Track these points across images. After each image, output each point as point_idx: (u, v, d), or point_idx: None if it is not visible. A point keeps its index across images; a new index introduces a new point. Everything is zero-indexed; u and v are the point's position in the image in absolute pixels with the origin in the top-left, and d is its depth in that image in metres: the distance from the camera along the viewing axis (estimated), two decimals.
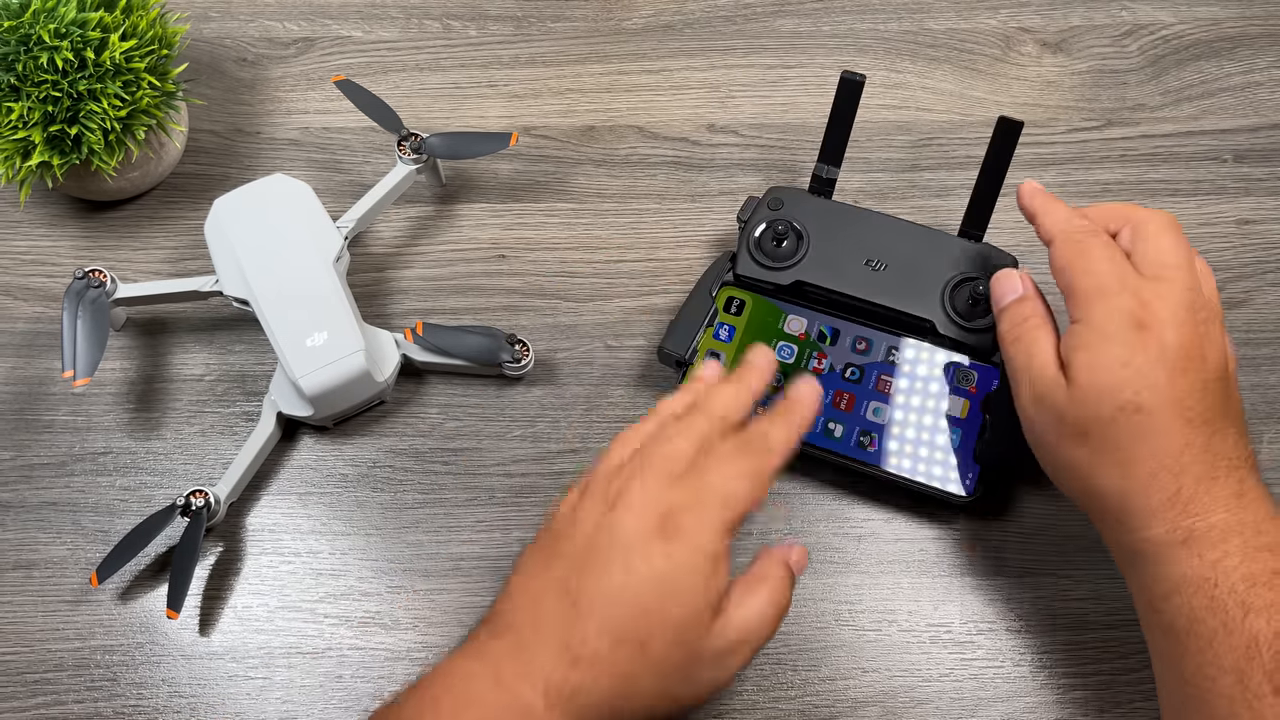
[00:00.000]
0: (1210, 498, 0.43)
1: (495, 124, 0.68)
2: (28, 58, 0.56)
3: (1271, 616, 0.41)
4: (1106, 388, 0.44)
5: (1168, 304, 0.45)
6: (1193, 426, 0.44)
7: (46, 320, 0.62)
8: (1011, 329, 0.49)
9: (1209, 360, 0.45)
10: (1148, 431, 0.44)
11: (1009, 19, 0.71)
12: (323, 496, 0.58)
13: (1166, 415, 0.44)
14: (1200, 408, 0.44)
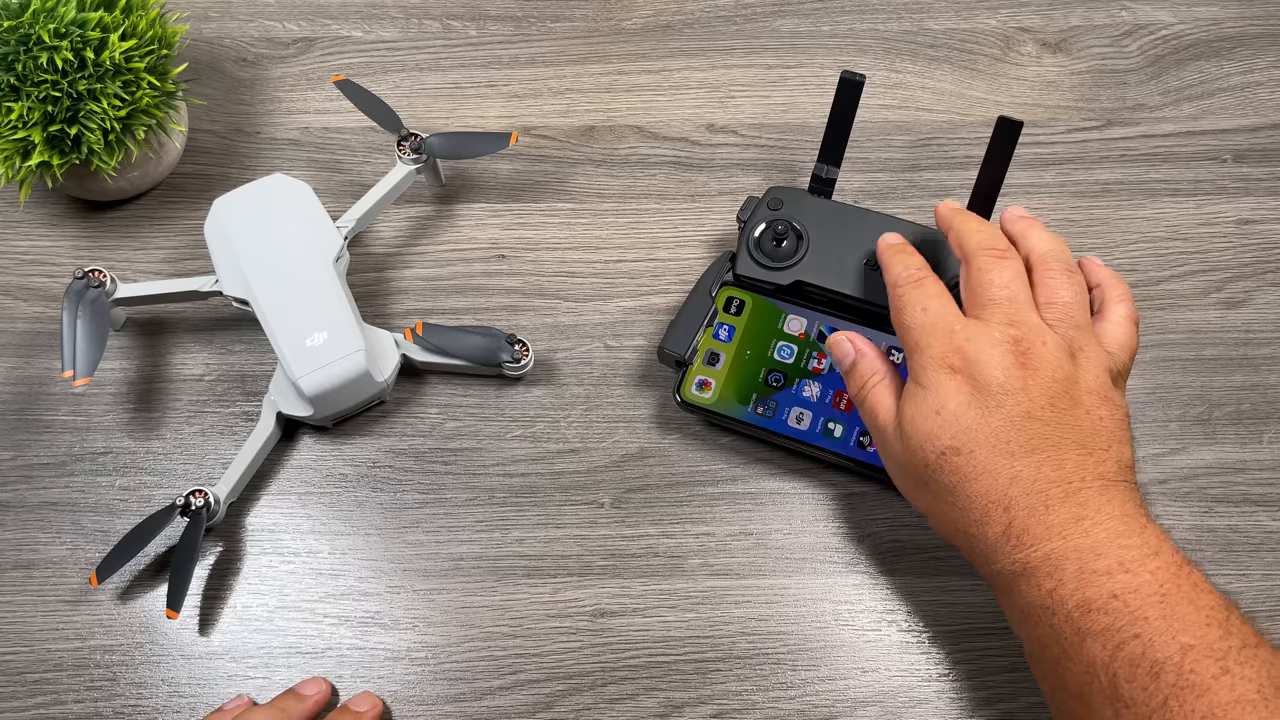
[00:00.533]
0: (1043, 527, 0.43)
1: (495, 124, 0.68)
2: (27, 57, 0.56)
3: (1106, 641, 0.40)
4: (926, 436, 0.45)
5: (978, 344, 0.45)
6: (1016, 458, 0.44)
7: (46, 320, 0.62)
8: (857, 392, 0.50)
9: (1032, 388, 0.44)
10: (971, 472, 0.44)
11: (1009, 19, 0.71)
12: (322, 496, 0.58)
13: (985, 453, 0.44)
14: (1023, 438, 0.44)
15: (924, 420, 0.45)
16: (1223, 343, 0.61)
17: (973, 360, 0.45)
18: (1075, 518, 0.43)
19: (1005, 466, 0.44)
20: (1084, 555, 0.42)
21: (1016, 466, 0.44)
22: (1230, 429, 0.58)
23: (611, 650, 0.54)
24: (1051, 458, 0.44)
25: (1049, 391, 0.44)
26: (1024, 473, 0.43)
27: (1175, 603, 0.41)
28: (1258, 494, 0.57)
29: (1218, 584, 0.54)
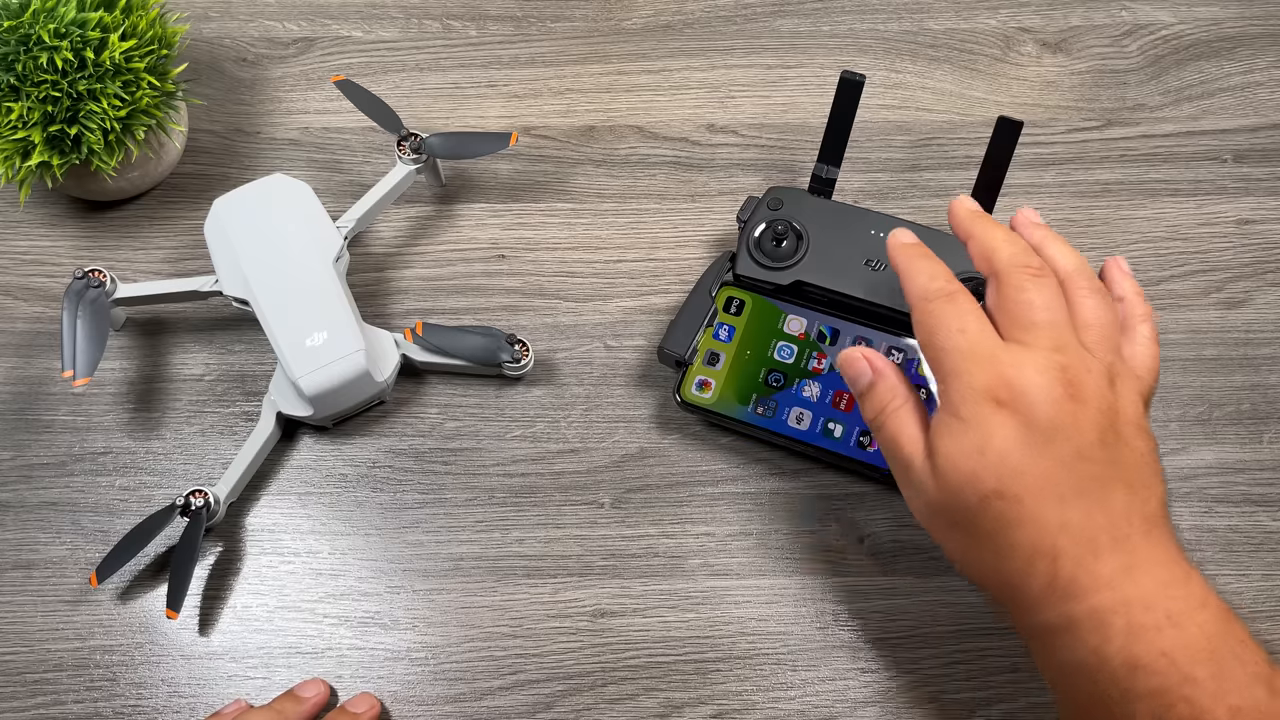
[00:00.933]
0: (1092, 578, 0.40)
1: (495, 124, 0.68)
2: (27, 58, 0.56)
3: (1154, 702, 0.38)
4: (967, 478, 0.41)
5: (1026, 373, 0.41)
6: (1066, 503, 0.40)
7: (46, 320, 0.62)
8: (874, 418, 0.45)
9: (1082, 424, 0.41)
10: (1017, 519, 0.40)
11: (1009, 19, 0.71)
12: (322, 496, 0.58)
13: (1034, 499, 0.40)
14: (1073, 480, 0.40)
15: (965, 459, 0.41)
16: (1223, 343, 0.61)
17: (1021, 392, 0.40)
18: (1125, 567, 0.40)
19: (1055, 513, 0.40)
20: (1133, 609, 0.39)
21: (1067, 514, 0.40)
22: (1230, 429, 0.58)
23: (611, 650, 0.54)
24: (1100, 501, 0.40)
25: (1098, 426, 0.41)
26: (1074, 520, 0.40)
27: (1224, 660, 0.39)
28: (1258, 494, 0.57)
29: (1218, 584, 0.55)
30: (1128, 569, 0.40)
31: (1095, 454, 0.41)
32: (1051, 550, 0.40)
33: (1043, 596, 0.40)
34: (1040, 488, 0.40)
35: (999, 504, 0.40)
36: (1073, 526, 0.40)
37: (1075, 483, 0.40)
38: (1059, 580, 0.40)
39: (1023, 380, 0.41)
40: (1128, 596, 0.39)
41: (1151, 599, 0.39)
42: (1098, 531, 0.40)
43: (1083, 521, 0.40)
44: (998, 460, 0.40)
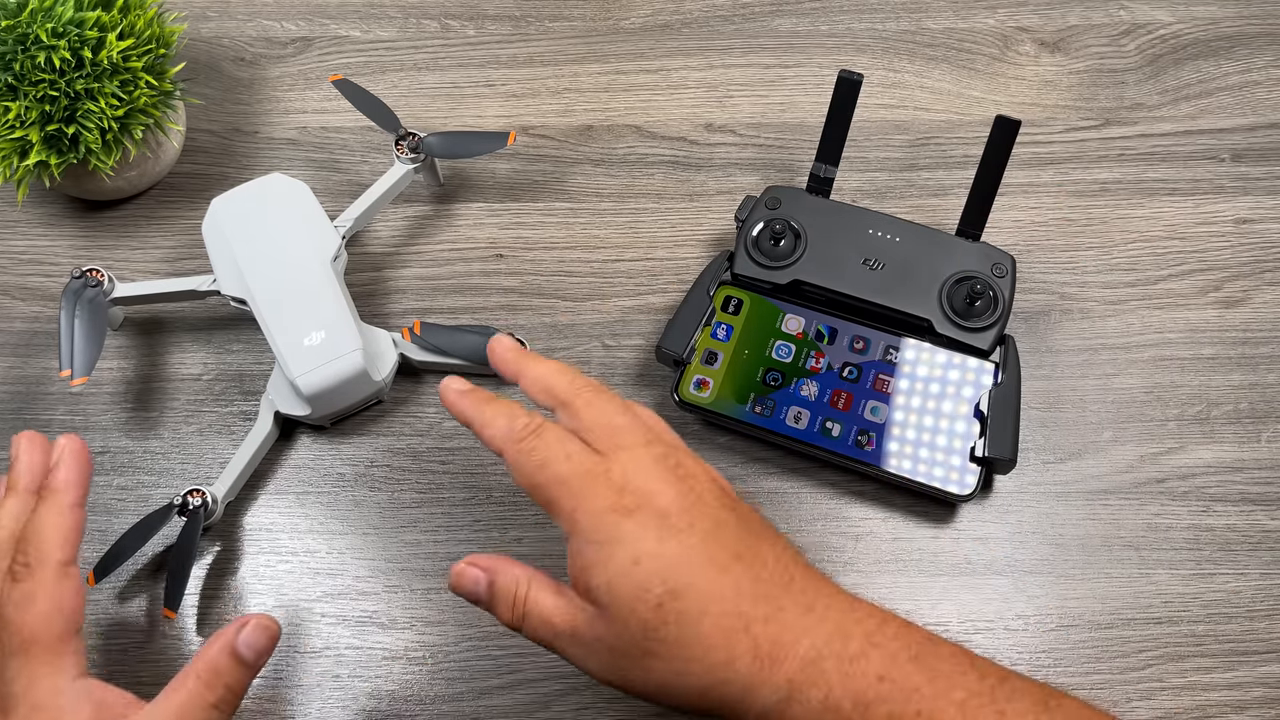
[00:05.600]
0: (788, 631, 0.38)
1: (493, 123, 0.68)
2: (25, 57, 0.56)
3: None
4: (635, 594, 0.39)
5: (639, 474, 0.41)
6: (730, 571, 0.39)
7: (44, 320, 0.62)
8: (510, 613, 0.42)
9: (704, 498, 0.41)
10: (699, 609, 0.38)
11: (1007, 18, 0.71)
12: (320, 496, 0.58)
13: (703, 581, 0.39)
14: (724, 549, 0.40)
15: (625, 579, 0.39)
16: (1221, 342, 0.61)
17: (645, 493, 0.40)
18: (805, 608, 0.39)
19: (728, 585, 0.39)
20: (833, 645, 0.38)
21: (736, 579, 0.39)
22: (1228, 428, 0.58)
23: None
24: (755, 556, 0.40)
25: (714, 495, 0.41)
26: (744, 584, 0.39)
27: (930, 661, 0.38)
28: (1256, 493, 0.57)
29: (1217, 584, 0.55)
30: (809, 609, 0.39)
31: (727, 518, 0.41)
32: (742, 622, 0.39)
33: (756, 674, 0.38)
34: (704, 567, 0.39)
35: (675, 604, 0.38)
36: (746, 589, 0.39)
37: (727, 549, 0.40)
38: (762, 646, 0.38)
39: (631, 479, 0.40)
40: (826, 635, 0.38)
41: (845, 630, 0.39)
42: (768, 585, 0.39)
43: (751, 581, 0.39)
44: (654, 561, 0.39)
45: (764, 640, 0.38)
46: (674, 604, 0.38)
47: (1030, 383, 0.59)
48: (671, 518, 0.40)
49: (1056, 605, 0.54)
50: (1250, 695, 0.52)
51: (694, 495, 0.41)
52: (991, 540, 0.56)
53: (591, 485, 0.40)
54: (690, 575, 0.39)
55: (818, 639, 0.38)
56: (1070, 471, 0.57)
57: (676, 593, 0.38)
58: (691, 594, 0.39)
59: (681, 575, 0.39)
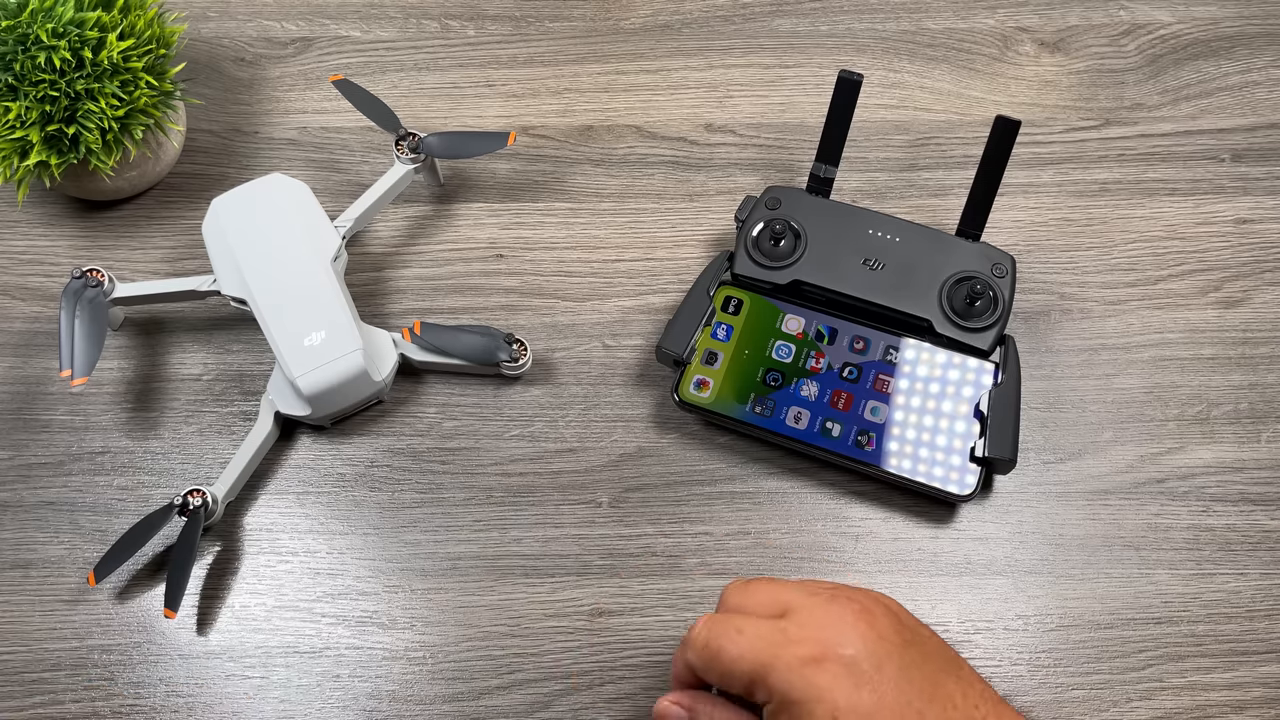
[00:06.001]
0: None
1: (493, 123, 0.68)
2: (25, 57, 0.56)
3: None
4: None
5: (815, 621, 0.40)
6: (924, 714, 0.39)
7: (44, 320, 0.62)
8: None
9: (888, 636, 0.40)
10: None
11: (1007, 18, 0.71)
12: (320, 496, 0.58)
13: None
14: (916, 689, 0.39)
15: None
16: (1221, 342, 0.61)
17: (828, 640, 0.39)
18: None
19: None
20: None
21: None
22: (1228, 428, 0.58)
23: (609, 649, 0.54)
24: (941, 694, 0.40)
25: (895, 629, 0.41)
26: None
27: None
28: (1256, 493, 0.57)
29: (1216, 584, 0.55)
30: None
31: (912, 656, 0.40)
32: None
33: None
34: (898, 711, 0.39)
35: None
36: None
37: (917, 689, 0.39)
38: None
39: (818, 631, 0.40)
40: None
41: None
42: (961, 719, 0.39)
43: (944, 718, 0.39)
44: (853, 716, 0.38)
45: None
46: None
47: (1030, 383, 0.59)
48: (860, 663, 0.39)
49: (1056, 605, 0.54)
50: (1250, 695, 0.52)
51: (875, 635, 0.40)
52: (991, 540, 0.56)
53: (773, 648, 0.40)
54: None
55: None
56: (1070, 471, 0.57)
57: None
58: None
59: None
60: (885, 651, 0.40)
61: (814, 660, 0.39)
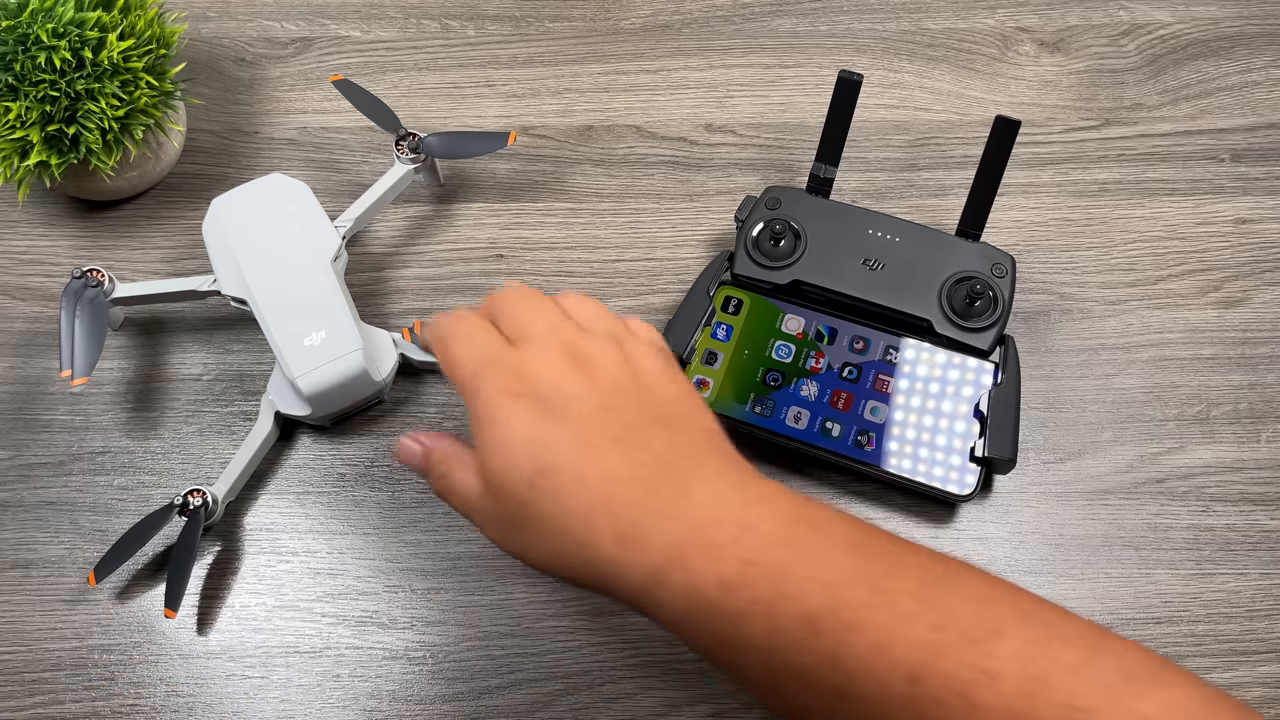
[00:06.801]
0: (652, 516, 0.38)
1: (493, 123, 0.68)
2: (25, 57, 0.56)
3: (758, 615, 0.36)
4: (508, 471, 0.40)
5: (530, 360, 0.41)
6: (602, 454, 0.39)
7: (44, 320, 0.62)
8: (438, 485, 0.44)
9: (599, 382, 0.41)
10: (565, 488, 0.39)
11: (1007, 19, 0.72)
12: (320, 496, 0.58)
13: (570, 461, 0.39)
14: (602, 432, 0.40)
15: (498, 455, 0.40)
16: (1220, 342, 0.61)
17: (528, 377, 0.41)
18: (680, 494, 0.38)
19: (595, 467, 0.39)
20: (703, 530, 0.38)
21: (607, 463, 0.39)
22: (1228, 428, 0.58)
23: (609, 649, 0.54)
24: (638, 442, 0.40)
25: (615, 380, 0.41)
26: (616, 466, 0.39)
27: (806, 544, 0.37)
28: (1255, 493, 0.57)
29: (1216, 584, 0.55)
30: (684, 494, 0.39)
31: (618, 404, 0.41)
32: (604, 502, 0.39)
33: (618, 557, 0.38)
34: (572, 449, 0.39)
35: (544, 482, 0.39)
36: (617, 473, 0.39)
37: (605, 433, 0.40)
38: (623, 528, 0.38)
39: (527, 365, 0.41)
40: (695, 520, 0.38)
41: (718, 516, 0.38)
42: (642, 470, 0.39)
43: (625, 465, 0.39)
44: (527, 441, 0.40)
45: (626, 523, 0.38)
46: (543, 482, 0.39)
47: (1030, 383, 0.59)
48: (551, 402, 0.40)
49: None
50: (1250, 695, 0.52)
51: (579, 382, 0.41)
52: (991, 540, 0.56)
53: (487, 370, 0.42)
54: (558, 457, 0.39)
55: (686, 524, 0.38)
56: (1070, 471, 0.57)
57: (544, 471, 0.39)
58: (559, 474, 0.39)
59: (549, 456, 0.39)
60: (583, 396, 0.40)
61: (514, 393, 0.40)
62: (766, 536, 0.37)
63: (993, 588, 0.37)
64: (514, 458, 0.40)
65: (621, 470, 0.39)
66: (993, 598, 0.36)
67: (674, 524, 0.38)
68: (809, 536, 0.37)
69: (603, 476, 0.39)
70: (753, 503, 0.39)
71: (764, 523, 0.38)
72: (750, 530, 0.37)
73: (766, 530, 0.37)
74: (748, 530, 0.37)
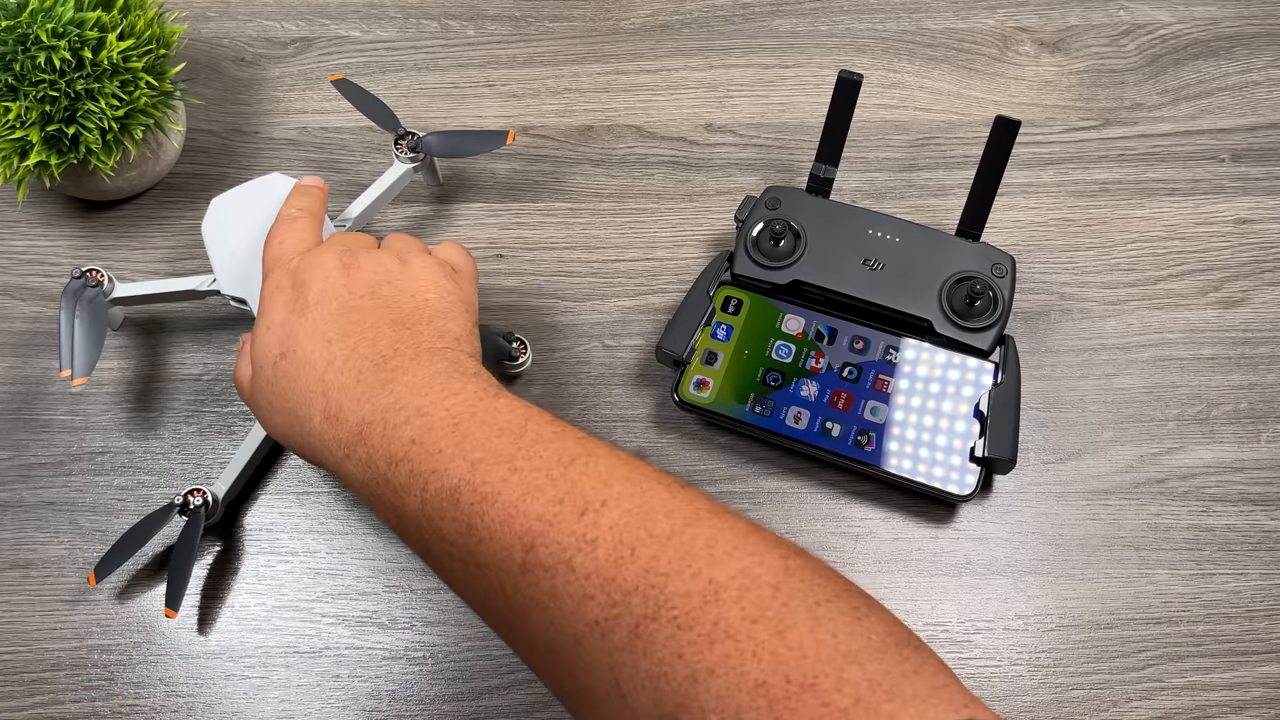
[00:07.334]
0: (354, 400, 0.43)
1: (493, 123, 0.68)
2: (25, 57, 0.56)
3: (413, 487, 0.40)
4: (264, 351, 0.46)
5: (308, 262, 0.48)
6: (332, 344, 0.45)
7: (44, 320, 0.62)
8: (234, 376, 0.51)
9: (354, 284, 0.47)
10: (297, 370, 0.45)
11: (1007, 19, 0.71)
12: (320, 496, 0.58)
13: (304, 347, 0.45)
14: (338, 326, 0.45)
15: (259, 339, 0.47)
16: (1220, 342, 0.61)
17: (302, 276, 0.48)
18: (382, 383, 0.43)
19: (322, 354, 0.45)
20: (387, 413, 0.42)
21: (332, 351, 0.45)
22: (1228, 428, 0.58)
23: None
24: (367, 338, 0.45)
25: (370, 283, 0.47)
26: (338, 356, 0.44)
27: (469, 428, 0.41)
28: (1256, 493, 0.57)
29: (1216, 584, 0.55)
30: (385, 384, 0.43)
31: (364, 303, 0.46)
32: (321, 386, 0.44)
33: (326, 432, 0.44)
34: (308, 337, 0.45)
35: (284, 364, 0.45)
36: (338, 362, 0.44)
37: (341, 327, 0.45)
38: (330, 410, 0.43)
39: (304, 267, 0.48)
40: (384, 404, 0.42)
41: (403, 402, 0.42)
42: (360, 361, 0.44)
43: (346, 356, 0.44)
44: (278, 327, 0.46)
45: (333, 404, 0.44)
46: (283, 363, 0.45)
47: (1030, 383, 0.59)
48: (306, 297, 0.47)
49: (1056, 605, 0.54)
50: (1250, 695, 0.52)
51: (339, 281, 0.47)
52: (991, 540, 0.56)
53: (282, 265, 0.49)
54: (296, 342, 0.45)
55: (377, 407, 0.42)
56: (1070, 471, 0.57)
57: (285, 354, 0.46)
58: (294, 358, 0.45)
59: (291, 341, 0.46)
60: (336, 292, 0.47)
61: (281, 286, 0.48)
62: (436, 420, 0.41)
63: (626, 467, 0.39)
64: (269, 338, 0.46)
65: (341, 360, 0.44)
66: (618, 475, 0.39)
67: (368, 406, 0.43)
68: (472, 423, 0.41)
69: (325, 363, 0.44)
70: (442, 394, 0.42)
71: (438, 410, 0.42)
72: (423, 415, 0.42)
73: (438, 416, 0.41)
74: (420, 415, 0.42)
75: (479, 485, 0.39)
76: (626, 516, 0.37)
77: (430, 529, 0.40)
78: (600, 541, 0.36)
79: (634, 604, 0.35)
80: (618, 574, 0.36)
